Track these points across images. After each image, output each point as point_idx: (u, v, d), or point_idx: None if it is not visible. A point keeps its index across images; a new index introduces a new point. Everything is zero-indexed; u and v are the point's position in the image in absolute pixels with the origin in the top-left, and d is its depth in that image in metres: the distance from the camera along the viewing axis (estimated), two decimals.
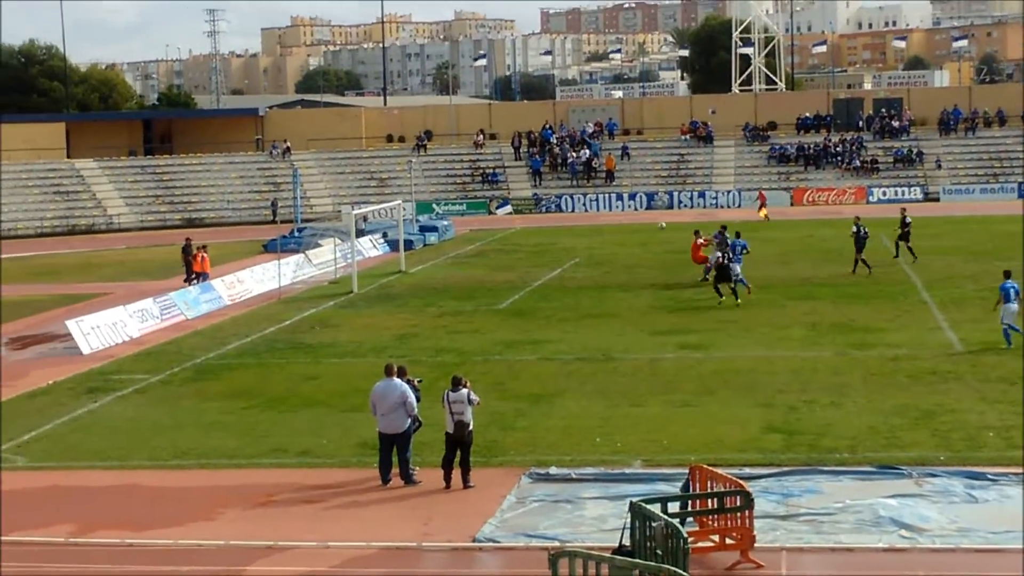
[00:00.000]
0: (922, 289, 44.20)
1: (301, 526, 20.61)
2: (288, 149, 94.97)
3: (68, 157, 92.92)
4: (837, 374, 30.76)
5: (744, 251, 44.97)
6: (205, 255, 51.23)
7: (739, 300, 42.00)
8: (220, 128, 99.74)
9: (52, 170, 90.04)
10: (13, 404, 31.11)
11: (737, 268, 43.19)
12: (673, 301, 43.90)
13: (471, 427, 22.47)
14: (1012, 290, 33.15)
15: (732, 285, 42.45)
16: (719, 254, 43.47)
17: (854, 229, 48.81)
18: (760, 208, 77.99)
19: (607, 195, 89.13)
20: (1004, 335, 33.07)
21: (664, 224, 70.08)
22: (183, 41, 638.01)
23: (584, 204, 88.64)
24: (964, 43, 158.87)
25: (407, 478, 22.64)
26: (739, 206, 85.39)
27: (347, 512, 21.39)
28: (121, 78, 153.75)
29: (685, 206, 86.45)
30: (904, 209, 54.66)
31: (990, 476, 21.81)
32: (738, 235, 46.01)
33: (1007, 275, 34.22)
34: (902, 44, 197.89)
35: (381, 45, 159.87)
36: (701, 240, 48.37)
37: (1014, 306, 33.08)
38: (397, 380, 22.96)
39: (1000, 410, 26.39)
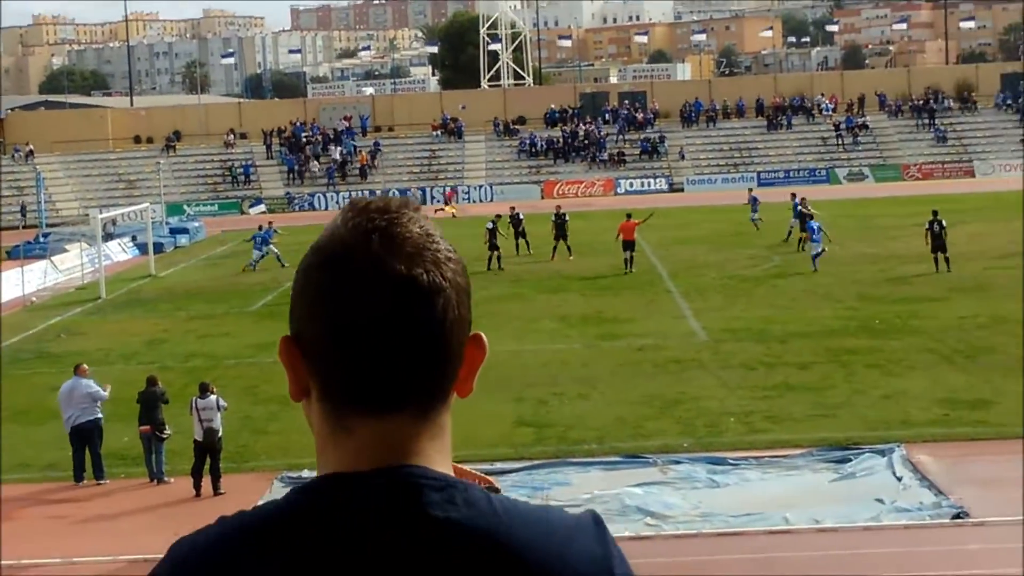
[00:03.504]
0: (667, 279, 45.29)
1: (46, 543, 20.17)
2: (32, 152, 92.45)
3: None
4: (586, 366, 31.34)
5: None
6: None
7: None
8: None
9: None
10: None
11: None
12: None
13: (220, 433, 22.32)
14: None
15: None
16: None
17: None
18: (446, 205, 78.40)
19: (360, 192, 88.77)
20: None
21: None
22: None
23: (338, 202, 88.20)
24: (703, 37, 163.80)
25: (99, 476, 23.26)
26: (491, 200, 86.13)
27: (96, 526, 21.03)
28: None
29: (438, 202, 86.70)
30: (559, 207, 53.37)
31: (731, 461, 22.53)
32: None
33: None
34: (644, 39, 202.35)
35: (126, 44, 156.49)
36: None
37: None
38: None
39: (740, 396, 27.24)
